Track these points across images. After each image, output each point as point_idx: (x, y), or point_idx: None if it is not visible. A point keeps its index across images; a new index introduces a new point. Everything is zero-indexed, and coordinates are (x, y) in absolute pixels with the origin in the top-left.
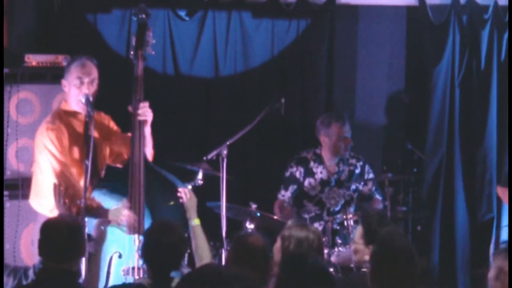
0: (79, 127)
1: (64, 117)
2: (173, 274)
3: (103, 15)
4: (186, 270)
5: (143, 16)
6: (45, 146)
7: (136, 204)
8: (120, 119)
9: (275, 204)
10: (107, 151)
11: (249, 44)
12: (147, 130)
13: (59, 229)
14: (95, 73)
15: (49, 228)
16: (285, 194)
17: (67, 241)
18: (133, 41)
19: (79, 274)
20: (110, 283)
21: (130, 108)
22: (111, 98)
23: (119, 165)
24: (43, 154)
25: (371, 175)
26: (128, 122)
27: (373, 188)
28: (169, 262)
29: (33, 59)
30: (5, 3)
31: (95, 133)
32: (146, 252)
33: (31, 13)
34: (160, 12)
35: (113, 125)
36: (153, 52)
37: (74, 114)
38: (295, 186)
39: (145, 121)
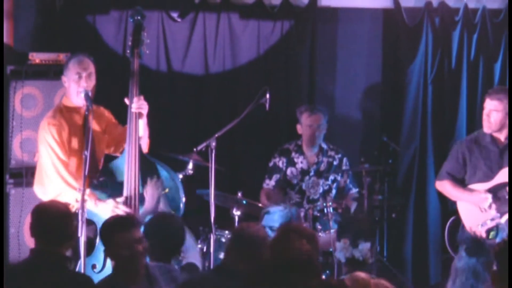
0: (79, 120)
1: (64, 111)
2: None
3: (101, 16)
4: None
5: (139, 17)
6: (46, 140)
7: (132, 192)
8: (116, 113)
9: (261, 192)
10: (105, 142)
11: (237, 43)
12: (144, 121)
13: (49, 213)
14: (92, 68)
15: (40, 211)
16: (269, 183)
17: (57, 225)
18: (130, 40)
19: (71, 258)
20: (106, 269)
21: (127, 100)
22: (108, 93)
23: (117, 154)
24: (44, 147)
25: (347, 168)
26: (124, 116)
27: (348, 181)
28: (169, 249)
29: (36, 57)
30: (10, 5)
31: (94, 126)
32: (147, 240)
33: (35, 14)
34: (154, 13)
35: (111, 117)
36: (147, 51)
37: (74, 108)
38: (278, 176)
39: (141, 114)
